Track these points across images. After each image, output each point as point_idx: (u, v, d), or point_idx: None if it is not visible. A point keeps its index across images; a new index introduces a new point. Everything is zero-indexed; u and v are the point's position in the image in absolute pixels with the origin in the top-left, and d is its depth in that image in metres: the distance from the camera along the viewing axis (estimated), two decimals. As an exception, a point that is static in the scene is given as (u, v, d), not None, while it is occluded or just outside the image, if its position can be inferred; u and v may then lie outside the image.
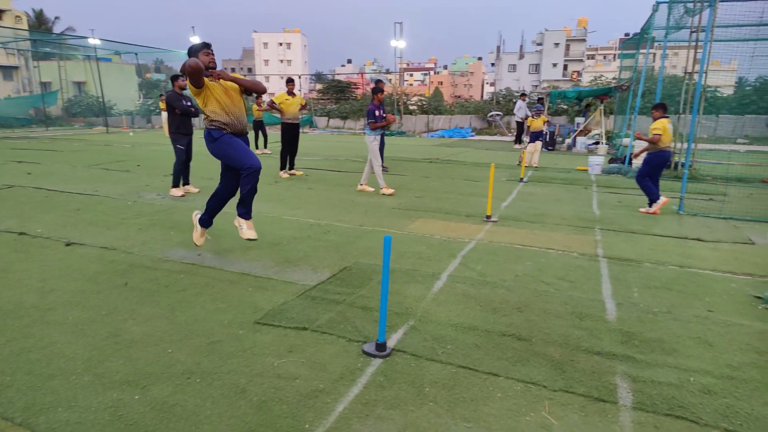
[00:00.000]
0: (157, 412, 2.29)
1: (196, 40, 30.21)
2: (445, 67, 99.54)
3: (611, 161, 12.50)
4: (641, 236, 5.70)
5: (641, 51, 15.25)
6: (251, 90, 4.40)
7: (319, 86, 36.76)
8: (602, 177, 10.79)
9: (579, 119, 19.02)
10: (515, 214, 6.68)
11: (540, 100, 18.18)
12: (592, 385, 2.60)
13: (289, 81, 9.57)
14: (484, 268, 4.42)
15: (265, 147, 14.37)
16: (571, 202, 7.68)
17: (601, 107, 17.25)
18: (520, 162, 11.15)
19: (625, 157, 11.89)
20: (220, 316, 3.33)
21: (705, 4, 8.11)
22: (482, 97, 44.08)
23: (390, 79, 33.61)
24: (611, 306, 3.65)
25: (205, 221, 4.65)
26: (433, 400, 2.44)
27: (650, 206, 7.02)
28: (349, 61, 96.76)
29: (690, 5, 9.23)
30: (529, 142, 12.80)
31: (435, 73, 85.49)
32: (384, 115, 7.95)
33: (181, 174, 7.72)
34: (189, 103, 7.46)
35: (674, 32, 11.17)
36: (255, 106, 14.14)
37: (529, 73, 65.46)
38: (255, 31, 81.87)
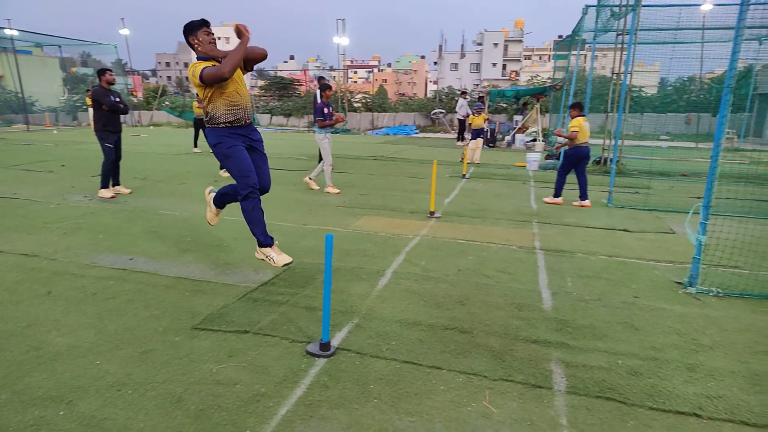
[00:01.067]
0: (84, 427, 2.15)
1: (125, 32, 28.60)
2: (389, 65, 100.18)
3: (547, 157, 13.05)
4: (574, 228, 5.99)
5: (573, 52, 16.03)
6: (253, 60, 3.60)
7: (260, 83, 35.89)
8: (539, 173, 11.24)
9: (517, 117, 19.73)
10: (458, 210, 6.82)
11: (480, 99, 18.69)
12: (530, 372, 2.70)
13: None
14: (427, 264, 4.48)
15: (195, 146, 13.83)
16: (511, 198, 7.95)
17: (538, 106, 18.00)
18: (462, 159, 11.42)
19: (559, 153, 12.45)
20: (154, 323, 3.17)
21: (629, 8, 8.64)
22: (426, 95, 44.68)
23: (334, 76, 33.38)
24: (547, 296, 3.80)
25: (219, 203, 4.06)
26: (377, 397, 2.44)
27: (581, 199, 7.40)
28: (292, 57, 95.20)
29: (616, 9, 9.79)
30: (470, 139, 13.13)
31: (379, 71, 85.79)
32: (333, 113, 7.91)
33: (111, 174, 7.29)
34: (117, 99, 7.04)
35: (602, 35, 11.82)
36: (195, 103, 13.51)
37: (471, 72, 67.17)
38: (191, 25, 78.53)
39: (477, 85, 54.71)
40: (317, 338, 2.93)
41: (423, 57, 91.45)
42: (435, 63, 72.03)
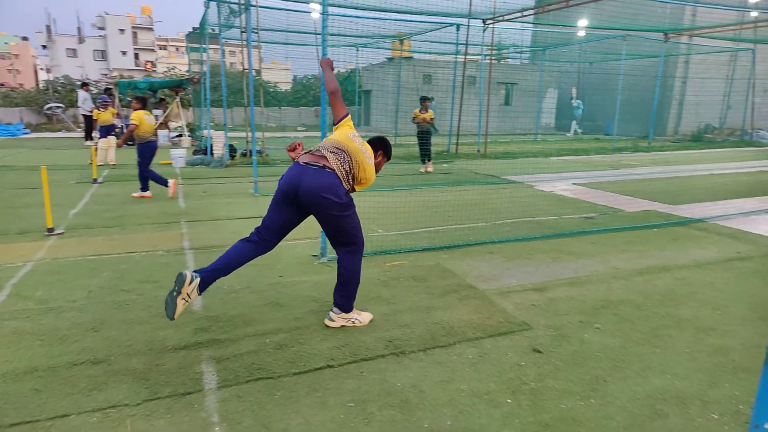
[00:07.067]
0: None
1: None
2: (-27, 46, 76.70)
3: (195, 152, 12.75)
4: (224, 222, 6.04)
5: (205, 46, 15.98)
6: None
7: None
8: (187, 169, 10.88)
9: (157, 112, 18.46)
10: (88, 221, 5.85)
11: (107, 91, 16.53)
12: (179, 381, 2.54)
13: None
14: (45, 294, 3.64)
15: None
16: (155, 199, 7.38)
17: (177, 99, 17.28)
18: (91, 161, 9.86)
19: (206, 148, 12.34)
20: None
21: (242, 6, 9.14)
22: (37, 85, 36.39)
23: None
24: (197, 295, 3.68)
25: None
26: (-35, 492, 1.80)
27: (145, 192, 7.54)
28: None
29: (234, 6, 10.21)
30: (100, 138, 11.48)
31: (-43, 53, 64.46)
32: None
33: None
34: None
35: (227, 30, 12.15)
36: None
37: (95, 60, 58.56)
38: None
39: (105, 75, 48.22)
40: None
41: (26, 38, 74.02)
42: (44, 47, 59.45)
